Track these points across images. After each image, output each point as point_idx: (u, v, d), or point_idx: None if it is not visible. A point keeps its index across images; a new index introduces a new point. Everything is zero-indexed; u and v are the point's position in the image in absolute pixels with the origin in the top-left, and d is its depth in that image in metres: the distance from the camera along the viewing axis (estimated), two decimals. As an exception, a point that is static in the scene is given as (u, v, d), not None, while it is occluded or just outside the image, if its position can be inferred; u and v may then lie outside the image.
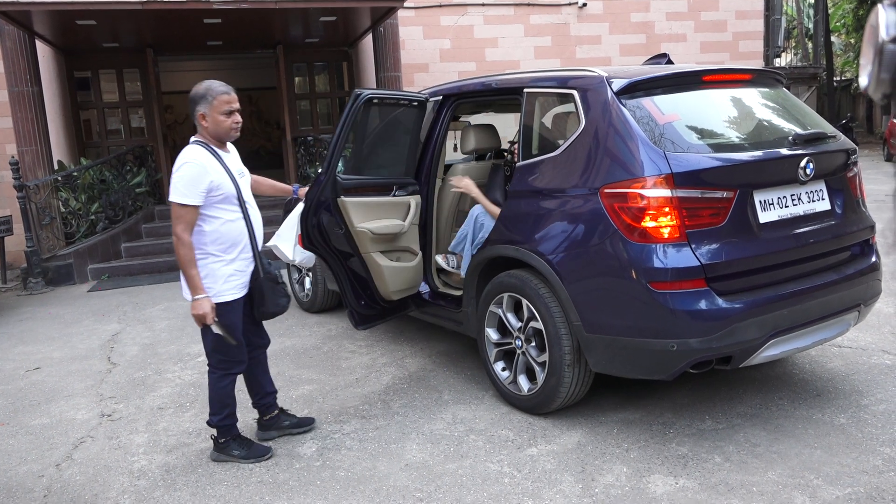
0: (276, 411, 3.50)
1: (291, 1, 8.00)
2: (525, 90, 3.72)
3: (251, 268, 3.17)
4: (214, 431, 3.28)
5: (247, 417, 3.60)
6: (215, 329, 3.01)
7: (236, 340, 3.09)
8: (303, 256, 3.87)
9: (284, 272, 6.60)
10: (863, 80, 0.80)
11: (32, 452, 3.48)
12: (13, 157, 7.97)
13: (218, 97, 3.02)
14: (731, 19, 12.40)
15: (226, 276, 3.06)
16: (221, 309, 3.05)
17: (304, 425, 3.54)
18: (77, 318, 6.35)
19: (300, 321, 5.64)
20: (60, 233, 8.40)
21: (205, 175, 2.95)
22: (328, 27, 9.76)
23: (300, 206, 3.72)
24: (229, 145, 3.22)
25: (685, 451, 3.09)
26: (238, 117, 3.09)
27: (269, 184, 3.66)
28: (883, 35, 0.76)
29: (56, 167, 8.77)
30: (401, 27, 9.87)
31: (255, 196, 3.39)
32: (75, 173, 8.70)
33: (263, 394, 3.44)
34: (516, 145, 3.81)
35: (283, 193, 3.75)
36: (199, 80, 3.06)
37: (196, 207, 2.95)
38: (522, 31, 11.43)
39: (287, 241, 3.83)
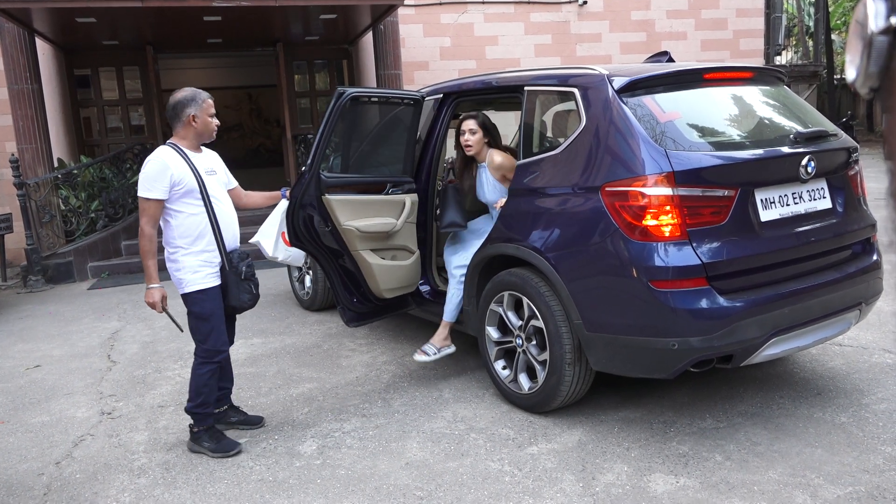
0: (226, 406, 3.61)
1: (291, -2, 7.98)
2: (525, 88, 3.72)
3: (220, 261, 3.31)
4: (191, 420, 3.37)
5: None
6: (167, 317, 3.32)
7: (181, 330, 3.35)
8: (286, 254, 3.88)
9: (285, 270, 6.60)
10: (850, 75, 0.80)
11: (32, 450, 3.48)
12: (13, 154, 7.96)
13: (205, 101, 3.30)
14: (732, 17, 12.38)
15: (194, 267, 3.23)
16: (196, 297, 3.25)
17: (253, 423, 3.61)
18: (77, 315, 6.34)
19: (300, 319, 5.64)
20: (60, 231, 8.39)
21: (166, 170, 3.15)
22: (328, 25, 9.74)
23: (283, 203, 3.73)
24: (206, 150, 3.45)
25: (686, 449, 3.09)
26: (217, 120, 3.36)
27: (260, 195, 3.74)
28: (872, 27, 0.75)
29: (56, 165, 8.76)
30: (401, 25, 9.85)
31: (250, 209, 3.70)
32: (75, 171, 8.70)
33: (218, 387, 3.49)
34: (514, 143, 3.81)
35: (274, 201, 3.79)
36: (201, 78, 3.14)
37: (159, 201, 3.17)
38: (523, 29, 11.41)
39: (268, 237, 3.85)
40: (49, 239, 8.20)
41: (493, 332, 3.71)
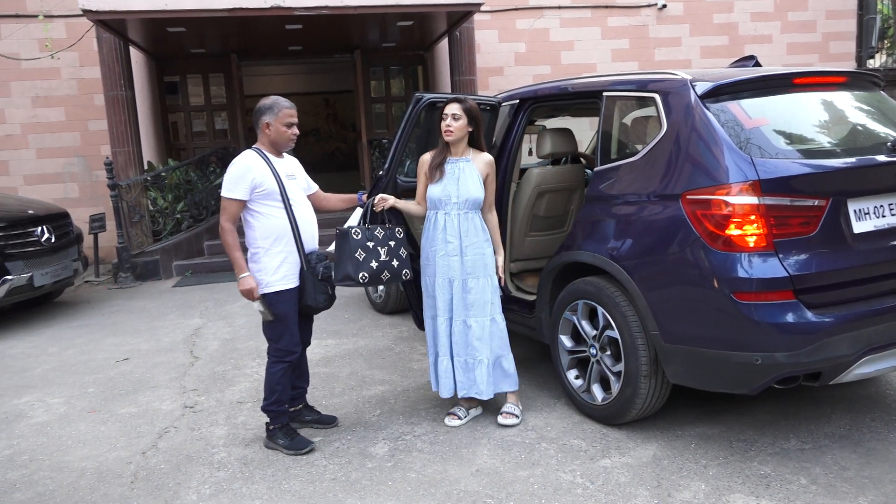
0: (301, 405, 3.70)
1: (370, 6, 8.13)
2: (604, 94, 3.66)
3: (299, 262, 3.39)
4: (267, 418, 3.48)
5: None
6: (256, 307, 3.33)
7: (273, 316, 3.33)
8: None
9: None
10: None
11: (121, 440, 3.66)
12: (107, 157, 8.40)
13: (283, 110, 3.38)
14: (821, 19, 11.85)
15: (274, 268, 3.32)
16: (273, 298, 3.33)
17: (326, 423, 3.69)
18: (162, 312, 6.63)
19: (373, 322, 5.72)
20: (148, 230, 8.81)
21: (248, 173, 3.28)
22: (405, 31, 9.88)
23: (359, 211, 3.77)
24: (287, 156, 3.54)
25: (768, 470, 2.96)
26: (296, 130, 3.43)
27: (337, 198, 3.79)
28: None
29: (146, 167, 9.20)
30: (476, 31, 9.88)
31: (329, 211, 3.77)
32: (163, 173, 9.11)
33: (294, 386, 3.62)
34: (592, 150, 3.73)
35: (351, 203, 3.81)
36: (280, 84, 3.23)
37: (240, 202, 3.30)
38: (599, 34, 11.25)
39: None
40: (138, 238, 8.62)
41: (566, 341, 3.67)
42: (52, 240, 6.57)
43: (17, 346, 5.66)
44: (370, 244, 3.41)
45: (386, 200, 3.57)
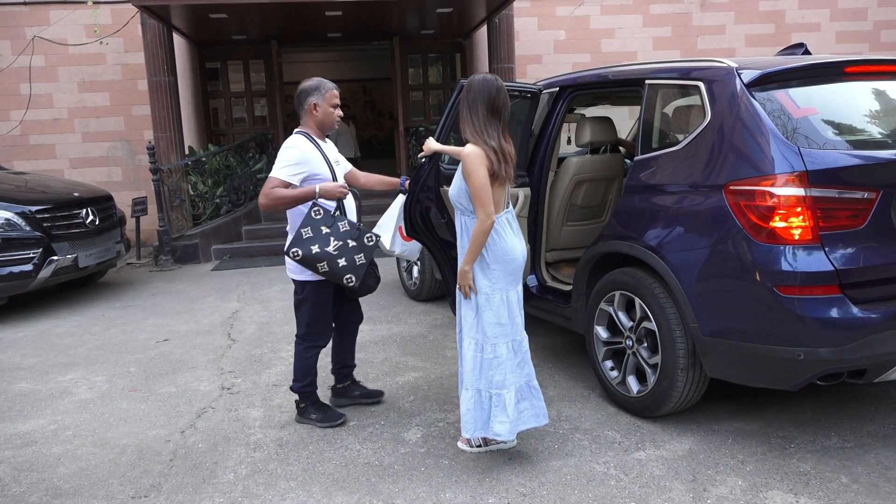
0: (349, 382, 3.80)
1: (409, -7, 8.12)
2: (646, 81, 3.60)
3: None
4: (297, 396, 3.58)
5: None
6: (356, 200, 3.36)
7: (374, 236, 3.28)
8: (403, 248, 3.92)
9: (393, 260, 6.74)
10: None
11: (161, 418, 3.74)
12: (150, 142, 8.57)
13: (329, 91, 3.39)
14: (873, 7, 11.47)
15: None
16: (314, 286, 3.36)
17: (374, 396, 3.78)
18: (201, 295, 6.76)
19: (407, 309, 5.74)
20: (188, 214, 8.97)
21: (304, 162, 3.26)
22: (444, 18, 9.83)
23: (401, 198, 3.78)
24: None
25: (807, 468, 2.90)
26: (340, 111, 3.45)
27: (377, 179, 3.74)
28: None
29: (187, 152, 9.35)
30: (515, 18, 9.80)
31: (365, 190, 3.67)
32: (203, 159, 9.25)
33: (343, 364, 3.75)
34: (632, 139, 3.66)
35: (392, 186, 3.77)
36: (319, 71, 3.24)
37: (287, 183, 3.23)
38: (641, 22, 11.06)
39: (386, 231, 3.91)
40: (178, 221, 8.78)
41: (602, 332, 3.63)
42: (97, 222, 6.73)
43: (62, 325, 5.82)
44: (323, 229, 3.18)
45: (429, 147, 3.20)
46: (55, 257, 6.20)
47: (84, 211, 6.66)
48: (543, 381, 3.97)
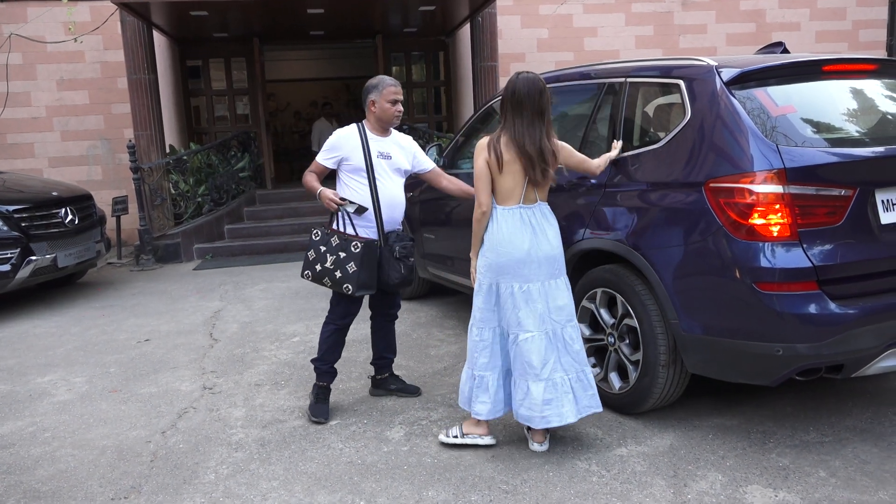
0: (388, 374, 3.90)
1: (392, -9, 8.11)
2: (627, 80, 3.61)
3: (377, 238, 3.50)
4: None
5: (351, 385, 3.69)
6: (349, 209, 3.43)
7: (362, 209, 3.44)
8: None
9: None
10: None
11: (141, 419, 3.70)
12: (130, 140, 8.48)
13: (387, 87, 3.51)
14: (852, 6, 11.60)
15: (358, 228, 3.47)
16: None
17: (410, 392, 3.85)
18: (183, 294, 6.70)
19: (391, 307, 5.73)
20: (170, 213, 8.90)
21: (339, 147, 3.51)
22: (427, 16, 9.83)
23: None
24: (398, 135, 3.67)
25: (786, 462, 2.93)
26: (400, 107, 3.54)
27: (458, 186, 3.76)
28: None
29: (168, 151, 9.27)
30: (499, 16, 9.80)
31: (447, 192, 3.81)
32: (185, 157, 9.18)
33: (380, 356, 3.87)
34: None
35: (468, 196, 3.64)
36: (302, 69, 3.27)
37: (325, 167, 3.57)
38: (623, 21, 11.11)
39: None
40: (159, 221, 8.71)
41: (584, 329, 3.64)
42: (76, 221, 6.65)
43: (41, 325, 5.76)
44: (322, 248, 3.46)
45: None
46: (34, 257, 6.12)
47: (63, 210, 6.58)
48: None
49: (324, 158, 3.55)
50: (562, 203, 3.79)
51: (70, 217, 6.60)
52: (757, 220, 2.79)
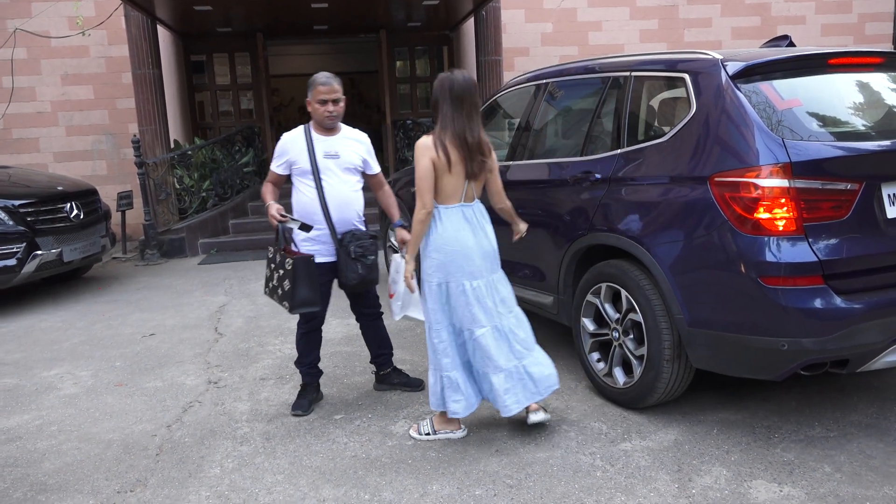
0: (390, 369, 3.89)
1: (396, -15, 8.09)
2: (632, 74, 3.60)
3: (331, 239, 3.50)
4: None
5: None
6: (292, 225, 3.38)
7: (308, 228, 3.39)
8: (410, 309, 3.49)
9: (381, 253, 6.73)
10: None
11: (147, 413, 3.72)
12: (135, 135, 8.49)
13: (316, 87, 3.44)
14: (858, -1, 11.54)
15: (300, 242, 3.47)
16: None
17: (413, 385, 3.85)
18: (188, 289, 6.72)
19: (395, 302, 5.73)
20: (174, 208, 8.91)
21: (285, 152, 3.50)
22: (431, 11, 9.80)
23: (397, 263, 3.47)
24: (349, 132, 3.60)
25: (791, 457, 2.93)
26: (330, 107, 3.43)
27: (385, 203, 3.81)
28: None
29: (172, 146, 9.28)
30: (503, 10, 9.77)
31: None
32: (189, 152, 9.19)
33: (376, 353, 3.88)
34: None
35: (388, 216, 3.82)
36: (306, 64, 3.26)
37: (278, 174, 3.54)
38: (628, 14, 11.07)
39: (415, 305, 3.41)
40: (164, 215, 8.72)
41: (588, 324, 3.64)
42: (81, 216, 6.67)
43: (47, 320, 5.78)
44: (271, 265, 3.47)
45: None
46: (39, 252, 6.14)
47: (68, 205, 6.60)
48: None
49: (275, 166, 3.54)
50: (565, 198, 3.81)
51: (75, 212, 6.62)
52: (762, 215, 2.78)
